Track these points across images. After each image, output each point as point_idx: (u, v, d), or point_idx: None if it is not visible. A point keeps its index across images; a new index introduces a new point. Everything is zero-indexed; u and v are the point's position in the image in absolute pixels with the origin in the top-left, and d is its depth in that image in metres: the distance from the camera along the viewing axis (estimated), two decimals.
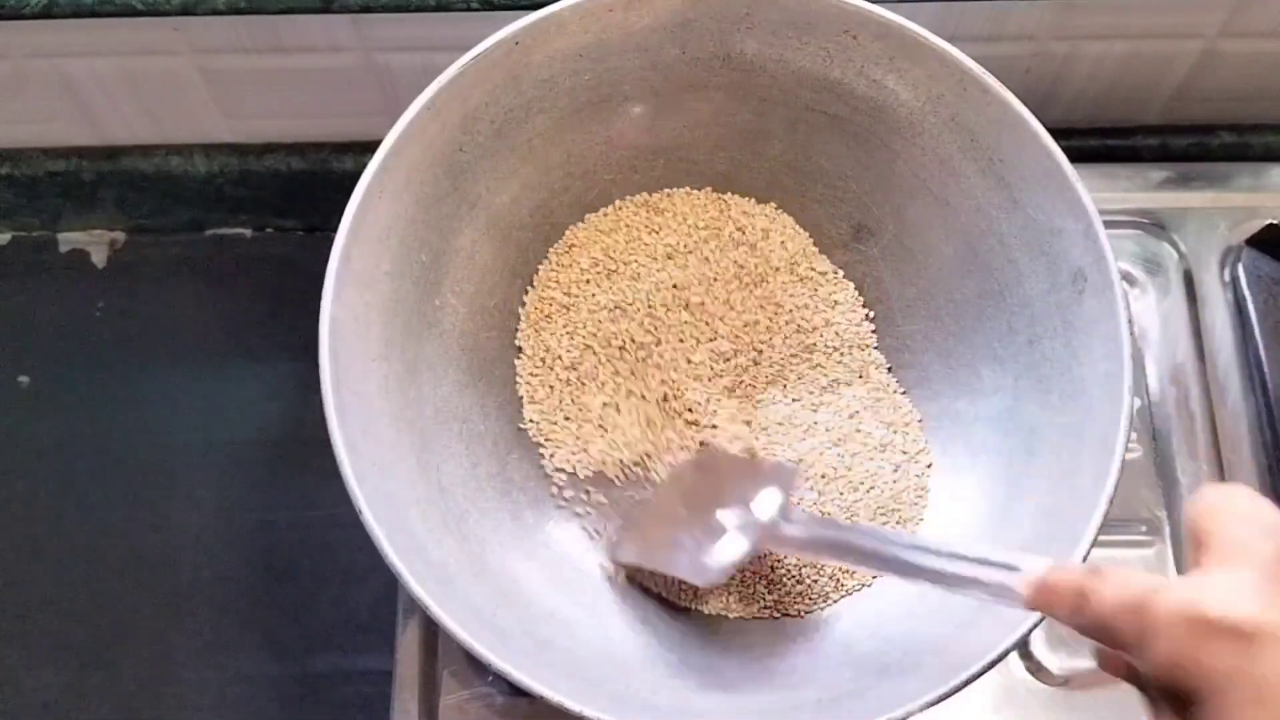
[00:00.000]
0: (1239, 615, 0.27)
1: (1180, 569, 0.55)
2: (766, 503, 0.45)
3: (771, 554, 0.48)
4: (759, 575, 0.49)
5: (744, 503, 0.45)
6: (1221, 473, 0.56)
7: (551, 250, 0.53)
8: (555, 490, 0.51)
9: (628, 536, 0.49)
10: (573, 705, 0.39)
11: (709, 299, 0.53)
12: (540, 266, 0.53)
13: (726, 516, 0.45)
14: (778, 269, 0.54)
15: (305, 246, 0.71)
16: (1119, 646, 0.30)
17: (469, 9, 0.56)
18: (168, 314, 0.70)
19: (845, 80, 0.50)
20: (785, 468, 0.48)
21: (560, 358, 0.52)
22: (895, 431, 0.52)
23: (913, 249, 0.53)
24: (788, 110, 0.52)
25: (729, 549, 0.45)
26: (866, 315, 0.54)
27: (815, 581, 0.49)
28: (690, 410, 0.51)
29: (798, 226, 0.55)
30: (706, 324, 0.52)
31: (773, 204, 0.55)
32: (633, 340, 0.52)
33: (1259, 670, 0.26)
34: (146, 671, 0.62)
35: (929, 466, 0.52)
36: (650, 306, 0.52)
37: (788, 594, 0.49)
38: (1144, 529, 0.55)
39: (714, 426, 0.51)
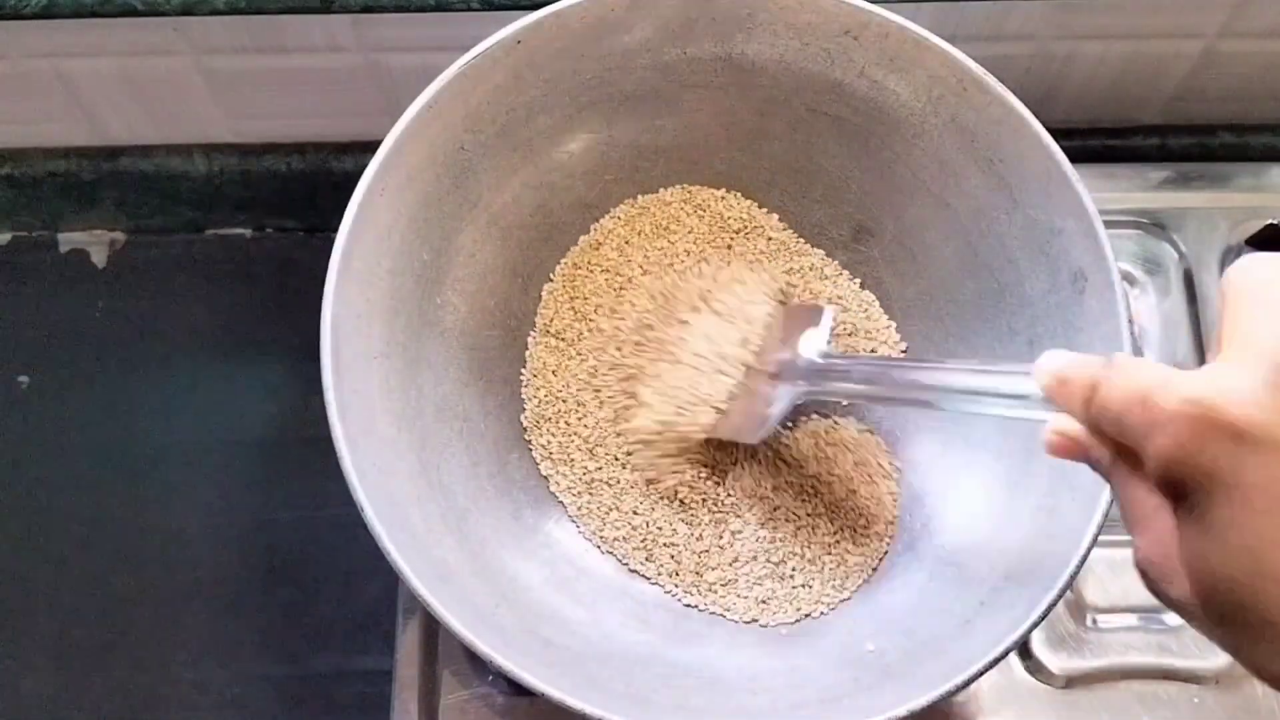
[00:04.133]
0: (1243, 417, 0.25)
1: None
2: (809, 341, 0.47)
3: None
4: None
5: (792, 348, 0.48)
6: None
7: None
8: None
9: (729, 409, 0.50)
10: (573, 702, 0.39)
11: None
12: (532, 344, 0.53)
13: (777, 362, 0.47)
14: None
15: (305, 246, 0.72)
16: (1128, 441, 0.29)
17: (469, 9, 0.56)
18: (168, 314, 0.70)
19: (846, 81, 0.50)
20: (816, 309, 0.50)
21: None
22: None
23: (913, 249, 0.53)
24: (788, 111, 0.52)
25: (779, 399, 0.46)
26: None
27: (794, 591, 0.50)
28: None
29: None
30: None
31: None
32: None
33: (1258, 475, 0.25)
34: (146, 671, 0.62)
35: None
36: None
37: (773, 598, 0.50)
38: None
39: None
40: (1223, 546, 0.26)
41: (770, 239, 0.55)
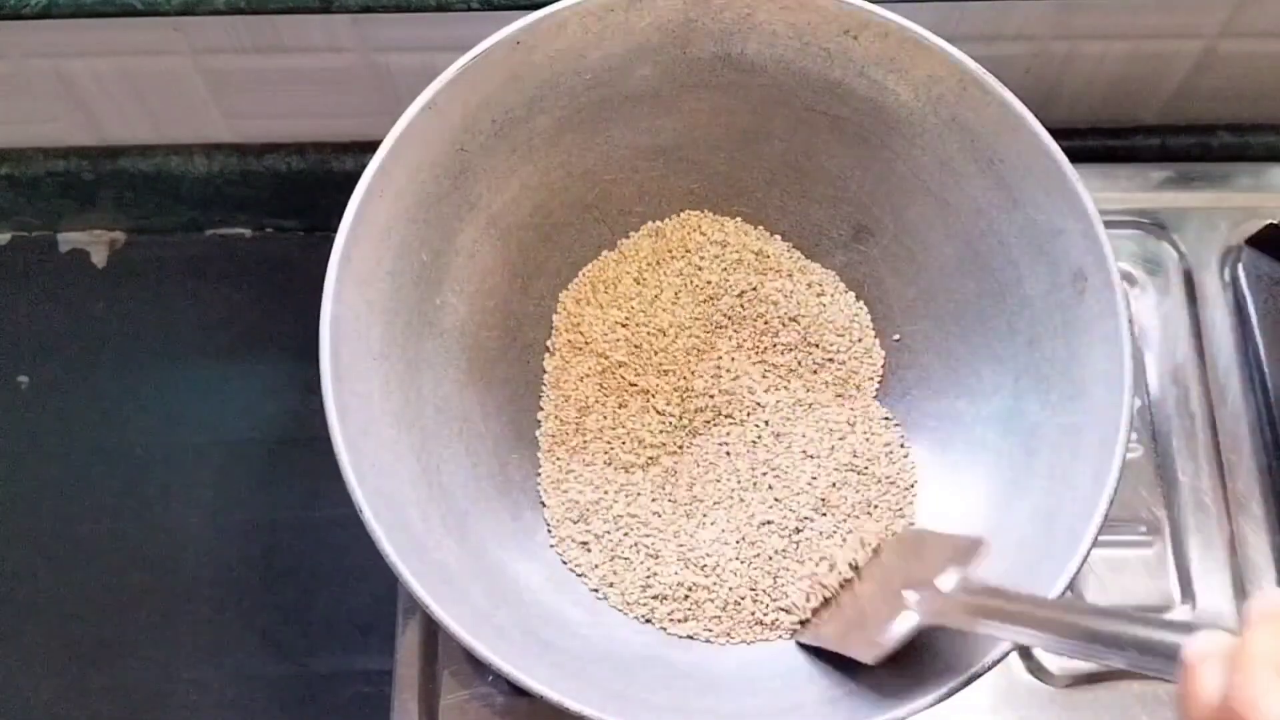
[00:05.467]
0: None
1: (1179, 568, 0.55)
2: (948, 576, 0.43)
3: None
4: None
5: (928, 581, 0.44)
6: (1221, 473, 0.56)
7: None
8: None
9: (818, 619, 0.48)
10: (572, 704, 0.39)
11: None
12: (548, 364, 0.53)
13: (909, 596, 0.44)
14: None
15: (305, 246, 0.72)
16: None
17: (469, 9, 0.56)
18: (167, 314, 0.70)
19: (846, 81, 0.50)
20: (972, 541, 0.45)
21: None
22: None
23: (913, 249, 0.53)
24: (788, 110, 0.52)
25: (903, 621, 0.43)
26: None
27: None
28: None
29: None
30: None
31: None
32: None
33: None
34: (146, 671, 0.62)
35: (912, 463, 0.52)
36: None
37: None
38: (1144, 529, 0.55)
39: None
40: None
41: (768, 257, 0.55)
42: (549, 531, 0.50)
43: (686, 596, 0.48)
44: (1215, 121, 0.67)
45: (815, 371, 0.53)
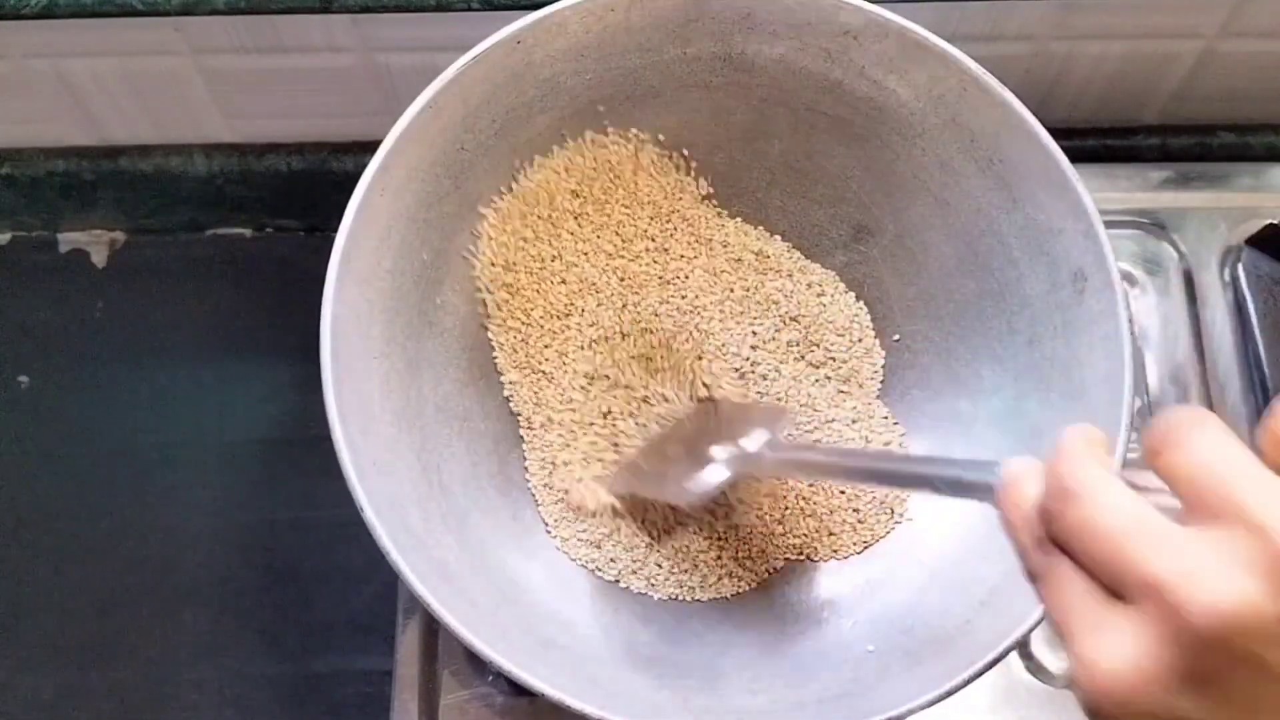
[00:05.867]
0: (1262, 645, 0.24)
1: None
2: (755, 438, 0.47)
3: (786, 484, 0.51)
4: (796, 507, 0.51)
5: (734, 440, 0.47)
6: None
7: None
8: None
9: (624, 470, 0.50)
10: (572, 702, 0.39)
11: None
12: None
13: (717, 451, 0.47)
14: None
15: (305, 247, 0.71)
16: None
17: (469, 9, 0.56)
18: (168, 314, 0.70)
19: (846, 81, 0.50)
20: (775, 409, 0.50)
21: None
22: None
23: (913, 249, 0.53)
24: (788, 111, 0.52)
25: (712, 473, 0.46)
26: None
27: (845, 526, 0.51)
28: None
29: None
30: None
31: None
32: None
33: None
34: (146, 671, 0.62)
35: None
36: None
37: (815, 533, 0.51)
38: None
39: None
40: None
41: (768, 258, 0.54)
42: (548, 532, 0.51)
43: None
44: (1215, 121, 0.67)
45: (816, 368, 0.53)
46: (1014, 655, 0.53)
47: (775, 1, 0.49)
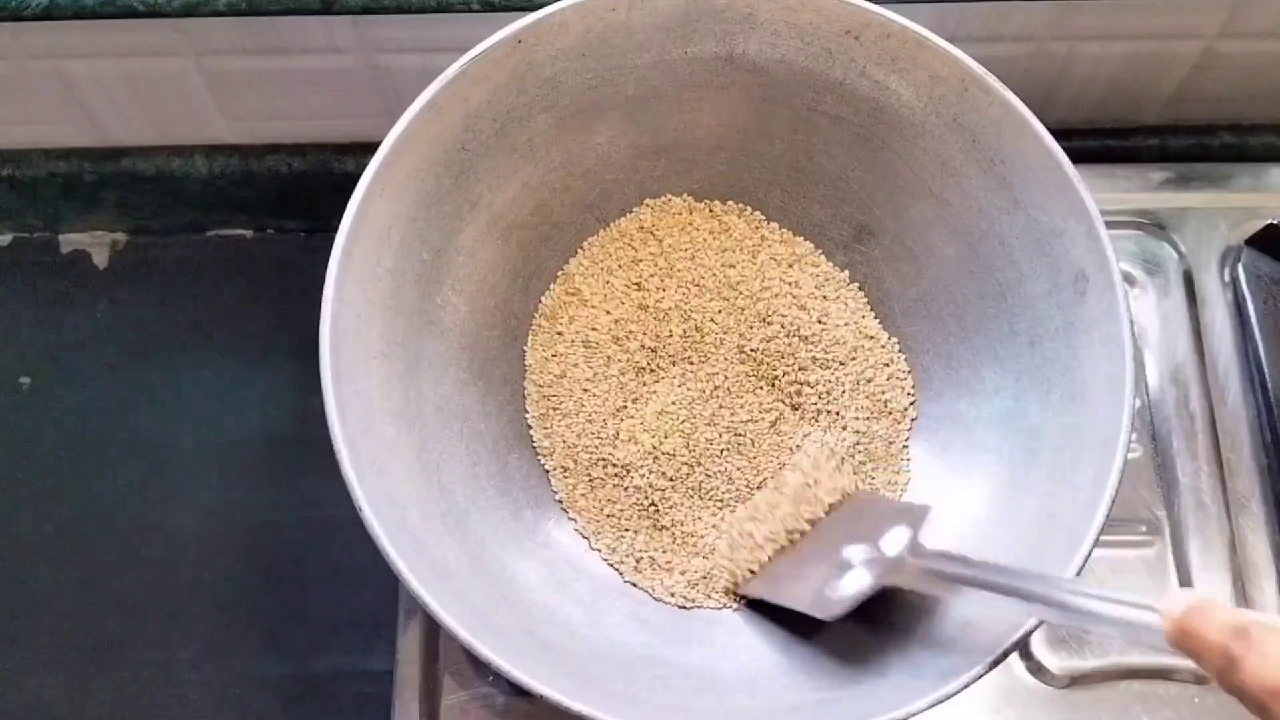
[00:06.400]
0: None
1: (1179, 568, 0.55)
2: (894, 539, 0.44)
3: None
4: None
5: (872, 540, 0.45)
6: (1221, 473, 0.56)
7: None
8: None
9: (761, 578, 0.49)
10: (572, 704, 0.39)
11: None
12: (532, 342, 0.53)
13: (854, 552, 0.45)
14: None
15: (306, 247, 0.72)
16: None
17: (470, 10, 0.56)
18: (169, 315, 0.70)
19: (847, 81, 0.50)
20: (915, 508, 0.47)
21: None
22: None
23: (914, 250, 0.53)
24: (789, 111, 0.52)
25: (853, 582, 0.44)
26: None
27: None
28: None
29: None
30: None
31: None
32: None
33: None
34: (147, 672, 0.62)
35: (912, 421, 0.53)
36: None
37: None
38: (1144, 529, 0.55)
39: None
40: None
41: (776, 254, 0.55)
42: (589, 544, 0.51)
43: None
44: (1215, 121, 0.67)
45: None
46: (1014, 655, 0.52)
47: (777, 1, 0.49)
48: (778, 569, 0.48)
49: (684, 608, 0.50)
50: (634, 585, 0.50)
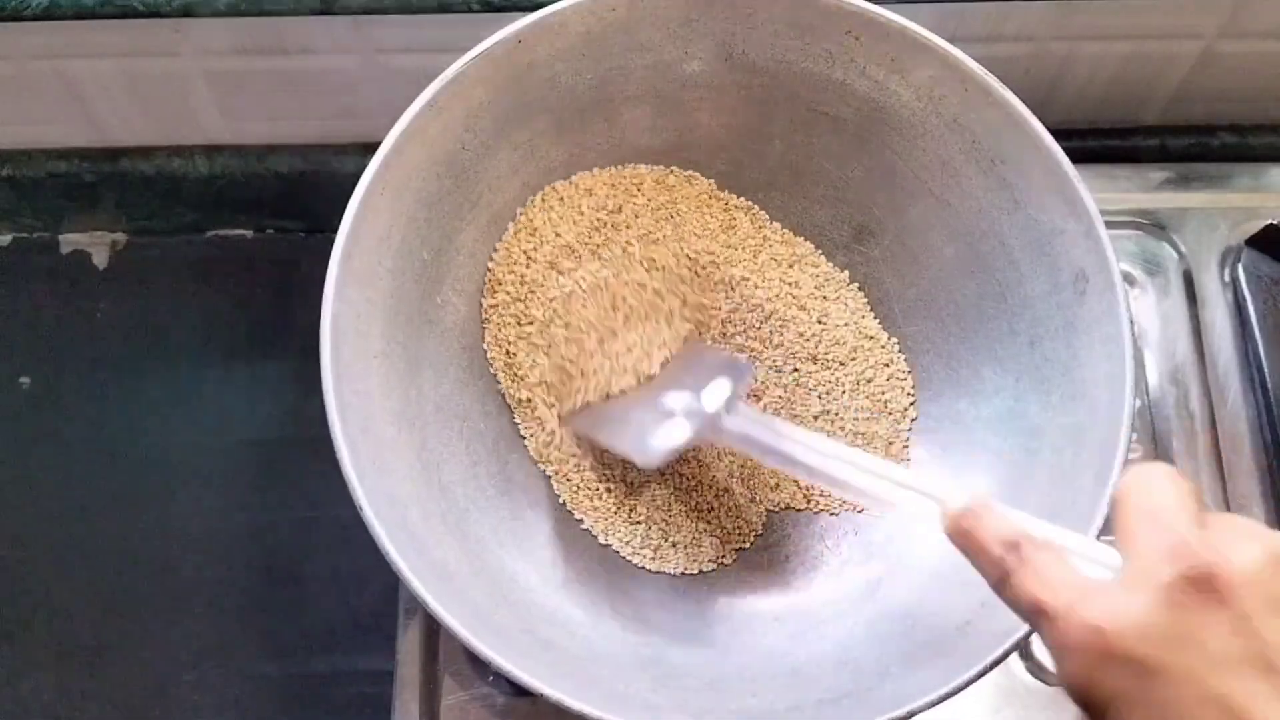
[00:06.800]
0: (1139, 647, 0.28)
1: None
2: (714, 392, 0.44)
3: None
4: None
5: (694, 390, 0.45)
6: (1222, 473, 0.56)
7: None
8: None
9: (589, 412, 0.49)
10: (572, 703, 0.39)
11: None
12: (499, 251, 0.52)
13: (674, 399, 0.45)
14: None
15: (306, 248, 0.72)
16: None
17: (469, 9, 0.56)
18: (169, 315, 0.70)
19: (847, 81, 0.50)
20: (740, 362, 0.48)
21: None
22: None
23: (914, 250, 0.53)
24: (789, 111, 0.52)
25: (672, 433, 0.44)
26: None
27: None
28: None
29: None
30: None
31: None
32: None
33: (1156, 697, 0.28)
34: (147, 672, 0.62)
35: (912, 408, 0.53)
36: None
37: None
38: None
39: None
40: None
41: (777, 254, 0.55)
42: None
43: None
44: (1215, 121, 0.67)
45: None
46: (1014, 655, 0.52)
47: (777, 2, 0.49)
48: (609, 411, 0.48)
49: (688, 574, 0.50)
50: (643, 568, 0.50)
